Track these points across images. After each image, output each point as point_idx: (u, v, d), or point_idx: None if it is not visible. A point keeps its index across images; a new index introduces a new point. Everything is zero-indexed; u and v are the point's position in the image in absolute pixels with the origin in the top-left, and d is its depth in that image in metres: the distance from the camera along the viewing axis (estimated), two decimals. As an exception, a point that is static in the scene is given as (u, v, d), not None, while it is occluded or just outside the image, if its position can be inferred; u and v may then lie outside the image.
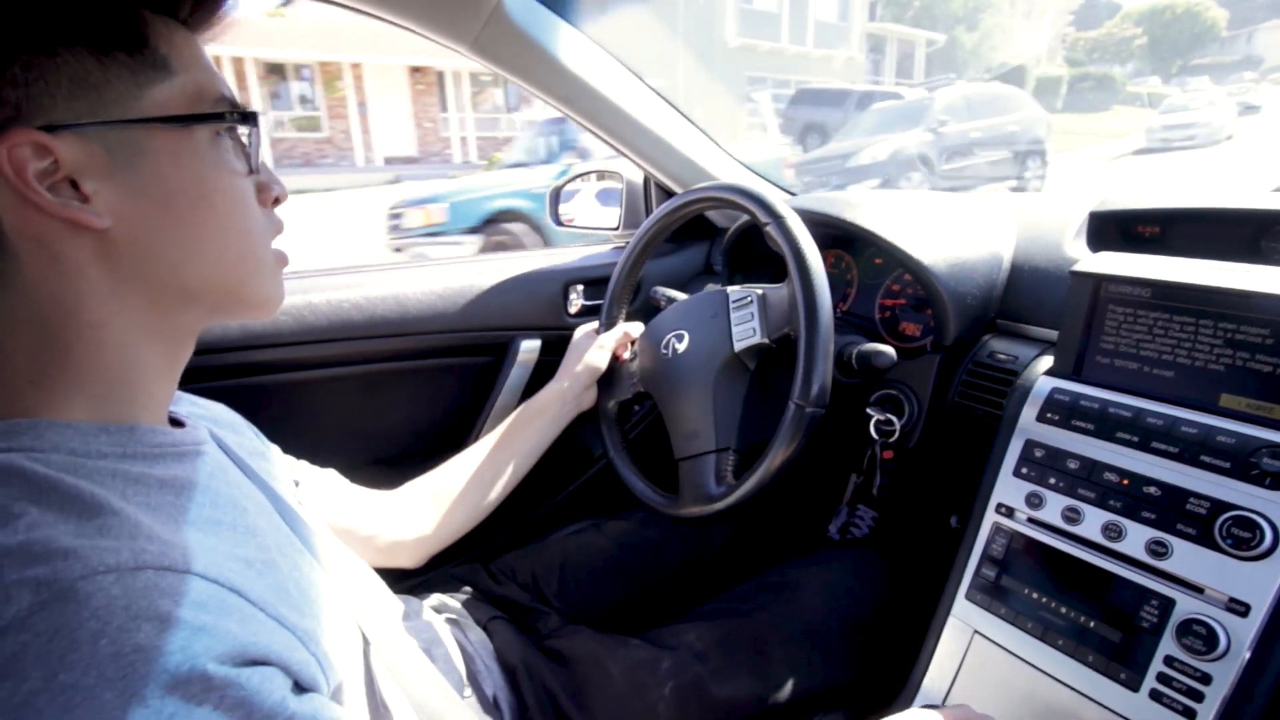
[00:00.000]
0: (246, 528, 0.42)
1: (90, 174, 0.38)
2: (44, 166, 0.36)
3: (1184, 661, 0.53)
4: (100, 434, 0.39)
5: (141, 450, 0.40)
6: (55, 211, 0.37)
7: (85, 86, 0.37)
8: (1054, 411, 0.66)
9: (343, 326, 0.98)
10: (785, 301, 0.73)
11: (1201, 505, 0.55)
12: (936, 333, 0.85)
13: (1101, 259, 0.68)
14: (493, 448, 0.84)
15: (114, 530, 0.33)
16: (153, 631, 0.30)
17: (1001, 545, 0.67)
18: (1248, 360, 0.57)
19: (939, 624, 0.70)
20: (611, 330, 0.93)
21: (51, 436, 0.37)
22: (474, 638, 0.74)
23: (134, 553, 0.32)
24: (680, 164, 1.13)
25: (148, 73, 0.39)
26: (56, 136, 0.36)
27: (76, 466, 0.36)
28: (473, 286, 1.09)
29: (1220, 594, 0.53)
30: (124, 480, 0.37)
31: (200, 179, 0.42)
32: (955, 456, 0.84)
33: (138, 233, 0.39)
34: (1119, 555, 0.59)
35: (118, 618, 0.30)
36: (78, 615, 0.30)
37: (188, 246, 0.42)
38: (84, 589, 0.30)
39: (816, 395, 0.67)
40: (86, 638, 0.29)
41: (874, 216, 0.86)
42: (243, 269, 0.45)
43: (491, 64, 0.91)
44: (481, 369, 1.14)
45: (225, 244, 0.43)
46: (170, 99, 0.40)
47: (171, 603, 0.32)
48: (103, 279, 0.39)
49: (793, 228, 0.72)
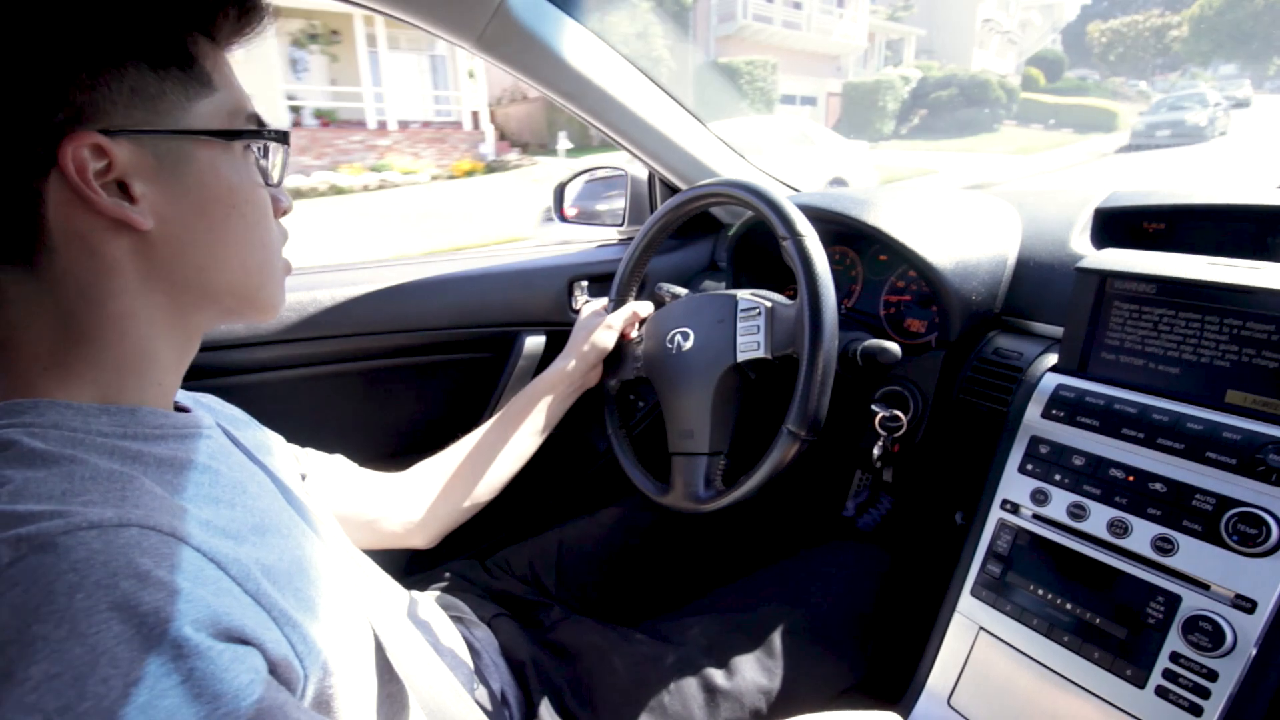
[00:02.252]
0: (245, 507, 0.43)
1: (140, 177, 0.40)
2: (100, 167, 0.39)
3: (1190, 658, 0.53)
4: (101, 414, 0.40)
5: (142, 430, 0.41)
6: (106, 210, 0.39)
7: (143, 96, 0.40)
8: (1059, 408, 0.66)
9: (348, 323, 0.99)
10: (792, 321, 0.73)
11: (1207, 501, 0.55)
12: (941, 329, 0.85)
13: (1107, 255, 0.68)
14: (500, 427, 0.85)
15: (102, 496, 0.34)
16: (130, 589, 0.30)
17: (1006, 542, 0.67)
18: (1254, 356, 0.57)
19: (944, 620, 0.70)
20: (620, 310, 0.92)
21: (52, 415, 0.38)
22: (479, 634, 0.74)
23: (119, 513, 0.33)
24: (685, 160, 1.13)
25: (195, 88, 0.43)
26: (114, 140, 0.39)
27: (74, 442, 0.37)
28: (477, 282, 1.09)
29: (1226, 590, 0.53)
30: (121, 456, 0.38)
31: (234, 189, 0.45)
32: (960, 453, 0.84)
33: (174, 235, 0.42)
34: (1125, 552, 0.59)
35: (96, 572, 0.30)
36: (56, 567, 0.29)
37: (216, 251, 0.45)
38: (64, 543, 0.30)
39: (810, 424, 0.68)
40: (63, 590, 0.29)
41: (879, 213, 0.86)
42: (261, 275, 0.48)
43: (497, 60, 0.91)
44: (486, 364, 1.14)
45: (249, 250, 0.47)
46: (213, 113, 0.44)
47: (152, 562, 0.32)
48: (134, 275, 0.42)
49: (810, 248, 0.71)
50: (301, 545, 0.45)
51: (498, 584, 0.87)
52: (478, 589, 0.86)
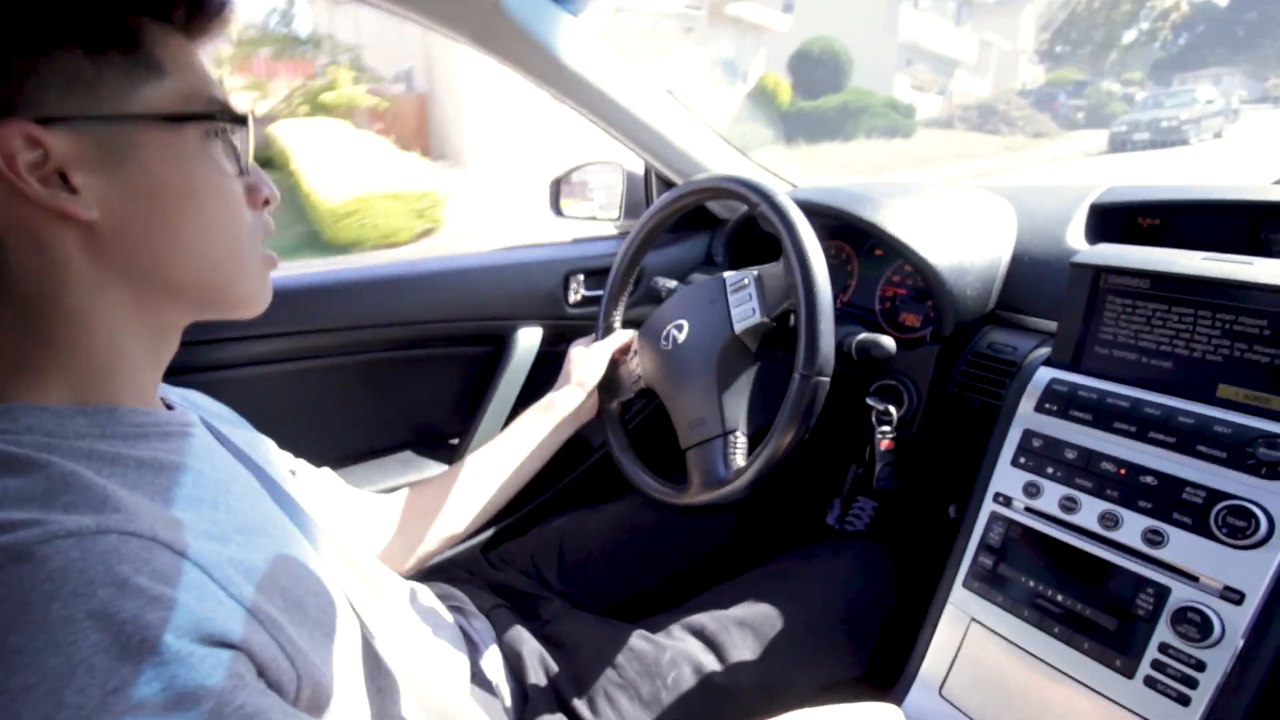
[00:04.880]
0: (228, 507, 0.42)
1: (79, 167, 0.39)
2: (34, 158, 0.37)
3: (1179, 649, 0.54)
4: (78, 415, 0.39)
5: (121, 430, 0.40)
6: (43, 201, 0.38)
7: (78, 83, 0.39)
8: (1052, 402, 0.67)
9: (342, 316, 0.98)
10: (782, 278, 0.73)
11: (1198, 494, 0.56)
12: (936, 323, 0.85)
13: (1101, 250, 0.68)
14: (491, 461, 0.84)
15: (81, 503, 0.33)
16: (107, 597, 0.30)
17: (999, 534, 0.67)
18: (1245, 351, 0.57)
19: (936, 612, 0.71)
20: (606, 339, 0.93)
21: (27, 419, 0.37)
22: (478, 625, 0.74)
23: (98, 520, 0.32)
24: (680, 155, 1.13)
25: (140, 73, 0.41)
26: (48, 129, 0.37)
27: (50, 446, 0.36)
28: (473, 276, 1.09)
29: (1215, 582, 0.54)
30: (99, 460, 0.38)
31: (188, 177, 0.43)
32: (954, 447, 0.85)
33: (124, 226, 0.41)
34: (1115, 544, 0.59)
35: (72, 581, 0.29)
36: (33, 577, 0.29)
37: (173, 242, 0.43)
38: (41, 552, 0.30)
39: (820, 363, 0.67)
40: (38, 600, 0.29)
41: (874, 208, 0.86)
42: (228, 267, 0.46)
43: (492, 54, 0.91)
44: (482, 359, 1.14)
45: (211, 242, 0.45)
46: (161, 99, 0.42)
47: (131, 569, 0.31)
48: (87, 270, 0.40)
49: (782, 204, 0.71)
50: (288, 544, 0.45)
51: (498, 576, 0.88)
52: (477, 580, 0.86)
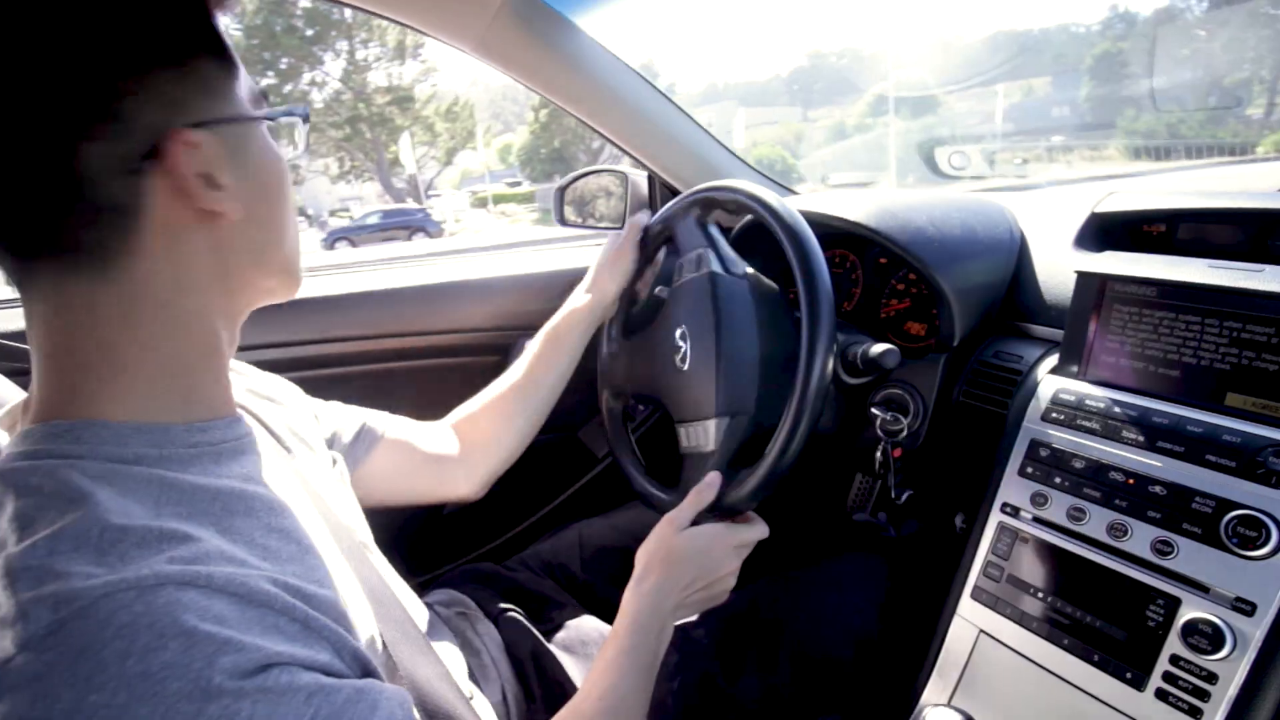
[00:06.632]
0: (280, 530, 0.42)
1: (221, 167, 0.40)
2: (193, 161, 0.39)
3: (1190, 661, 0.53)
4: (135, 434, 0.39)
5: (175, 452, 0.41)
6: (201, 202, 0.39)
7: (211, 88, 0.41)
8: (1059, 411, 0.66)
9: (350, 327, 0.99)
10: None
11: (1207, 504, 0.55)
12: (941, 333, 0.85)
13: (1107, 259, 0.68)
14: (529, 367, 0.86)
15: (136, 555, 0.33)
16: (179, 649, 0.31)
17: (1007, 545, 0.67)
18: (1254, 359, 0.57)
19: (944, 624, 0.70)
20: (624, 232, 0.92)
21: (89, 438, 0.38)
22: (484, 631, 0.74)
23: (155, 569, 0.33)
24: (685, 164, 1.13)
25: (231, 69, 0.43)
26: (201, 133, 0.39)
27: (111, 474, 0.37)
28: (479, 288, 1.09)
29: (1226, 593, 0.53)
30: (159, 487, 0.38)
31: (279, 166, 0.46)
32: (960, 457, 0.84)
33: (247, 219, 0.43)
34: (1124, 554, 0.59)
35: (143, 635, 0.30)
36: (100, 635, 0.30)
37: (273, 228, 0.46)
38: (105, 607, 0.30)
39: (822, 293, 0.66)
40: (113, 657, 0.29)
41: (879, 216, 0.86)
42: (297, 245, 0.50)
43: (496, 64, 0.91)
44: (486, 369, 1.14)
45: (291, 224, 0.48)
46: (247, 95, 0.44)
47: (196, 618, 0.32)
48: (208, 268, 0.42)
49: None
50: (335, 554, 0.46)
51: (506, 581, 0.87)
52: (488, 588, 0.86)
